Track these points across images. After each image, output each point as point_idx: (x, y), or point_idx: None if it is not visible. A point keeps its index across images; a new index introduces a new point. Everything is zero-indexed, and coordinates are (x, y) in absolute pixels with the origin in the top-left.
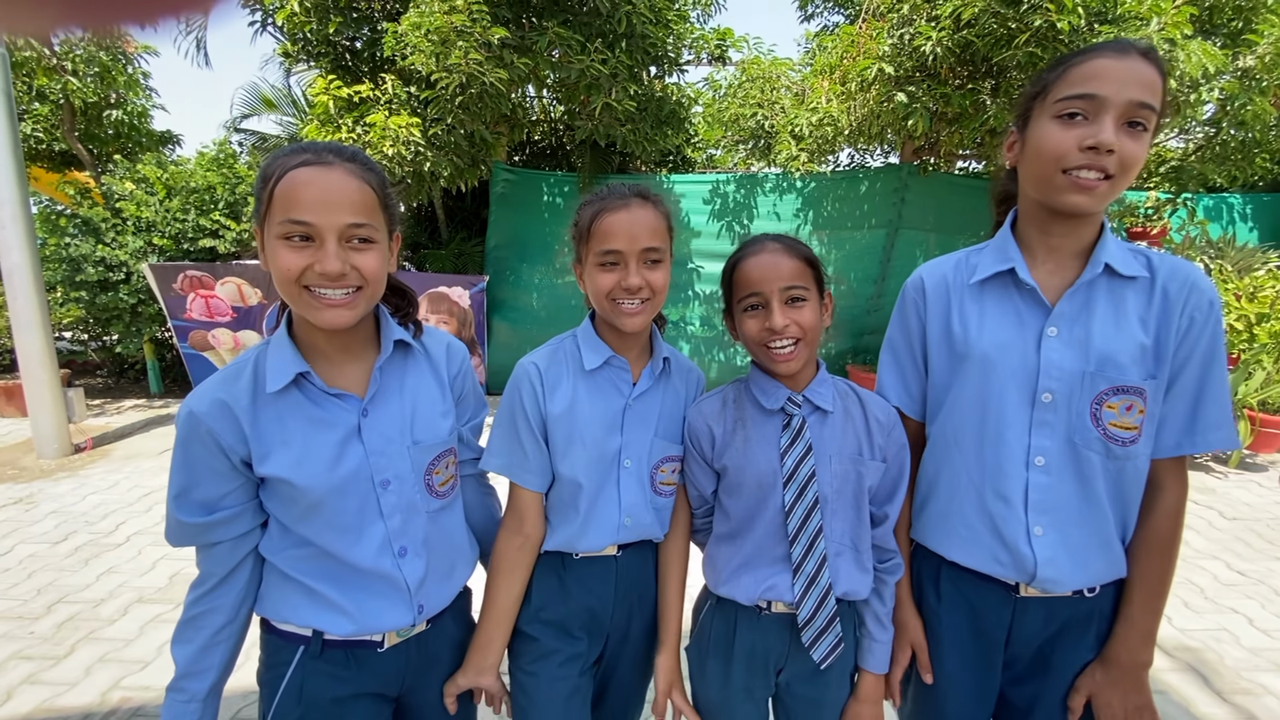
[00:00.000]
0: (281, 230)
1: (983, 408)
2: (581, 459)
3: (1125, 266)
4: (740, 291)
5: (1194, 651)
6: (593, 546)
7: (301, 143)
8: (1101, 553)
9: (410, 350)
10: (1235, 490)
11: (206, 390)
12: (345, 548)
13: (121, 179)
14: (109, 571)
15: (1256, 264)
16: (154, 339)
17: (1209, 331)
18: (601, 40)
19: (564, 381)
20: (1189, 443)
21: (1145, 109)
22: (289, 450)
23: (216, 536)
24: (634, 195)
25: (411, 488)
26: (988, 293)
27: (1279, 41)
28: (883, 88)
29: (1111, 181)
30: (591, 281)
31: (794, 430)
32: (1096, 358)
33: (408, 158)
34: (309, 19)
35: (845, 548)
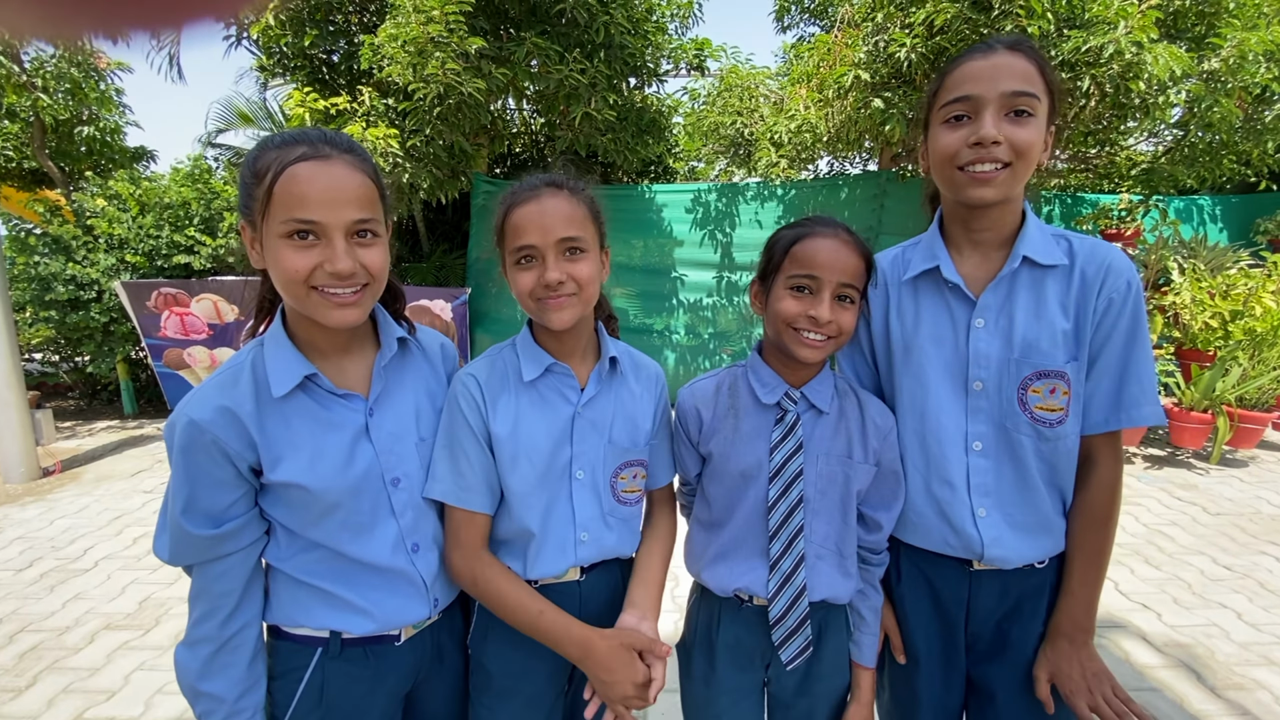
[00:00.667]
0: (286, 229)
1: (923, 399)
2: (529, 476)
3: (1045, 256)
4: (794, 268)
5: (1185, 648)
6: (549, 571)
7: (290, 132)
8: (1043, 528)
9: (409, 347)
10: (1217, 486)
11: (206, 397)
12: (360, 548)
13: (93, 196)
14: (76, 598)
15: (1228, 263)
16: (128, 359)
17: (1128, 311)
18: (580, 50)
19: (504, 395)
20: (1115, 419)
21: (1023, 96)
22: (300, 454)
23: (228, 548)
24: (545, 185)
25: (420, 484)
26: (920, 288)
27: (1242, 44)
28: (859, 94)
29: (1010, 169)
30: (512, 282)
31: (787, 426)
32: (1020, 345)
33: (386, 169)
34: (284, 32)
35: (828, 551)
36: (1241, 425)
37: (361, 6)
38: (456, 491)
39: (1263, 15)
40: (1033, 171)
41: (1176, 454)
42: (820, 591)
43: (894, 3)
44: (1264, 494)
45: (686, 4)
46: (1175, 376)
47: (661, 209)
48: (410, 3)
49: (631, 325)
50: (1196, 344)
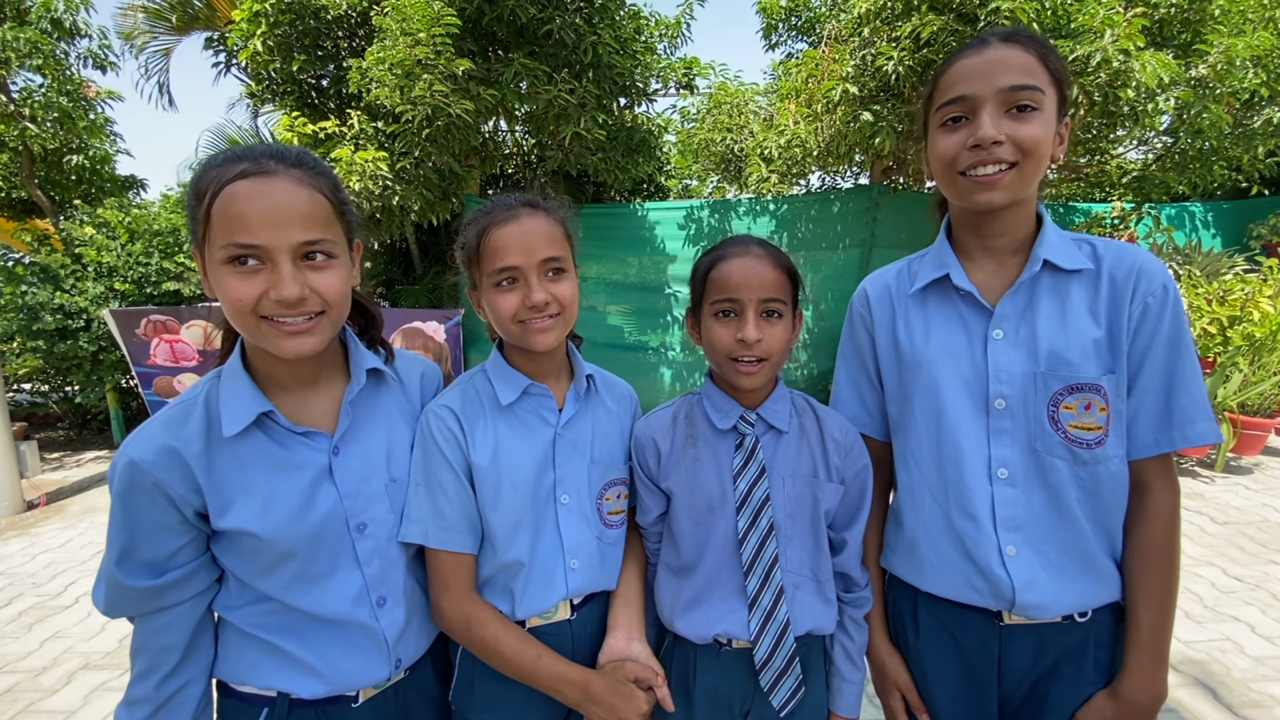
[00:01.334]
0: (225, 255)
1: (937, 419)
2: (513, 505)
3: (1067, 260)
4: (714, 294)
5: (1199, 664)
6: (539, 607)
7: (236, 148)
8: (1085, 571)
9: (383, 378)
10: (1223, 494)
11: (150, 436)
12: (315, 600)
13: (81, 224)
14: (54, 636)
15: (1223, 268)
16: (117, 387)
17: (1168, 317)
18: (568, 70)
19: (481, 423)
20: (1166, 439)
21: (1024, 90)
22: (252, 499)
23: (169, 599)
24: (522, 205)
25: (390, 531)
26: (930, 300)
27: (1228, 50)
28: (848, 108)
29: (1017, 170)
30: (491, 306)
31: (746, 450)
32: (1046, 357)
33: (375, 192)
34: (272, 58)
35: (805, 579)
36: (1244, 432)
37: (350, 31)
38: (438, 533)
39: (1248, 21)
40: (1044, 170)
41: (1181, 462)
42: (804, 623)
43: (880, 17)
44: (1270, 501)
45: (675, 24)
46: None
47: (654, 226)
48: (397, 26)
49: (626, 342)
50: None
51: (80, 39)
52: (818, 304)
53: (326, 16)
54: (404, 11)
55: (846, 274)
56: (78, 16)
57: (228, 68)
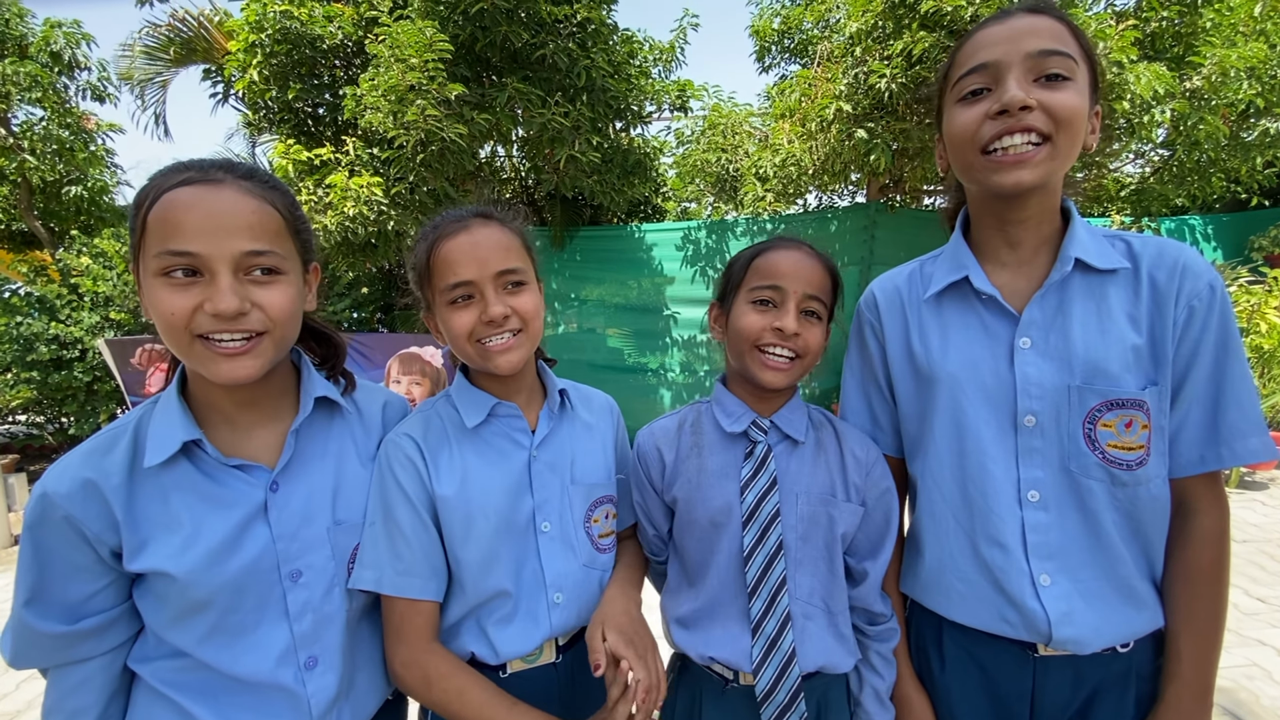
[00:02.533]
0: (159, 265)
1: (959, 438)
2: (486, 537)
3: (1101, 259)
4: (756, 280)
5: (1227, 692)
6: (521, 649)
7: (184, 160)
8: (1126, 600)
9: (337, 410)
10: (1240, 511)
11: (70, 467)
12: (233, 658)
13: (79, 255)
14: (32, 677)
15: (1227, 280)
16: (112, 417)
17: (1216, 321)
18: (562, 94)
19: (445, 450)
20: (1214, 456)
21: (1054, 55)
22: (171, 537)
23: (84, 651)
24: (473, 216)
25: (329, 581)
26: (947, 306)
27: (1222, 62)
28: (842, 126)
29: (1050, 145)
30: (446, 325)
31: (757, 460)
32: (1082, 368)
33: (371, 217)
34: (269, 87)
35: (815, 609)
36: None
37: (346, 60)
38: (394, 578)
39: (1240, 33)
40: (1078, 151)
41: None
42: (813, 659)
43: (872, 36)
44: None
45: (669, 48)
46: None
47: (652, 248)
48: (390, 51)
49: (626, 365)
50: None
51: (80, 72)
52: None
53: (322, 46)
54: (397, 38)
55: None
56: (78, 50)
57: (225, 98)
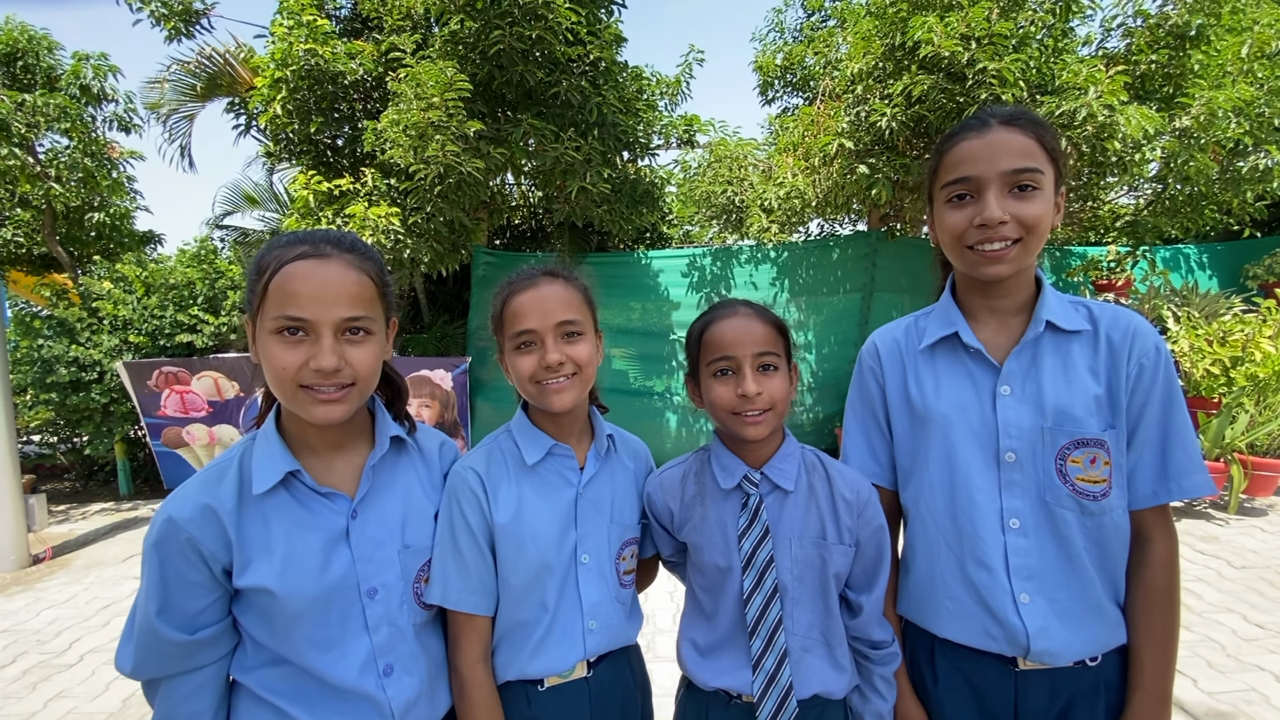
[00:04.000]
0: (275, 325)
1: (950, 472)
2: (534, 563)
3: (1067, 321)
4: (710, 354)
5: (1226, 717)
6: (556, 667)
7: (298, 232)
8: (1095, 617)
9: (404, 447)
10: (1239, 537)
11: (190, 494)
12: (327, 665)
13: (100, 279)
14: (58, 696)
15: (1221, 309)
16: (126, 439)
17: (1161, 376)
18: (574, 129)
19: (505, 483)
20: (1164, 491)
21: (1024, 173)
22: (272, 557)
23: (201, 659)
24: (541, 274)
25: (400, 597)
26: (939, 356)
27: (1209, 103)
28: (844, 161)
29: (1021, 244)
30: (513, 367)
31: (750, 511)
32: (1052, 412)
33: (387, 245)
34: (291, 120)
35: (814, 642)
36: (1256, 473)
37: (365, 95)
38: (457, 595)
39: (1226, 74)
40: (1045, 241)
41: (1194, 505)
42: (810, 686)
43: (873, 76)
44: None
45: (675, 83)
46: None
47: (658, 274)
48: (411, 90)
49: (632, 388)
50: (1200, 391)
51: (107, 103)
52: (820, 348)
53: (343, 82)
54: (418, 77)
55: (847, 318)
56: (105, 83)
57: (247, 129)
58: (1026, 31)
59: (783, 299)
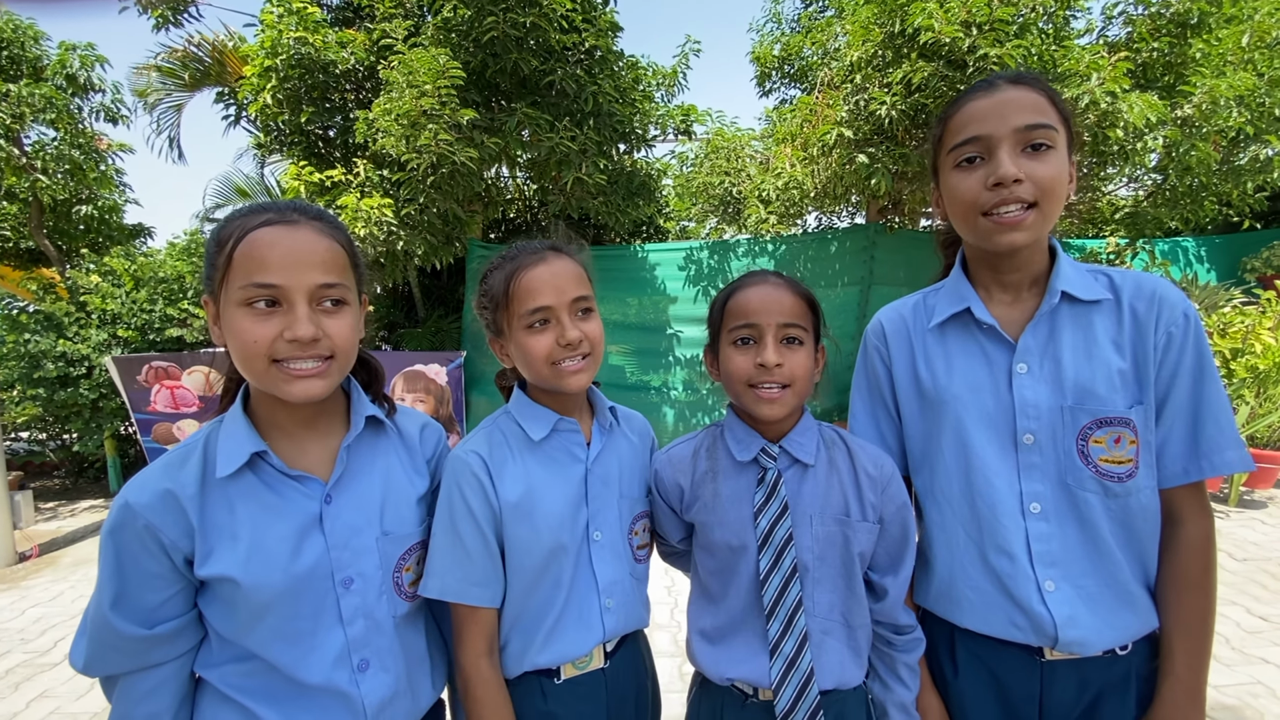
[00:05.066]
0: (244, 296)
1: (965, 455)
2: (548, 546)
3: (1085, 291)
4: (732, 321)
5: (1232, 710)
6: (574, 652)
7: (260, 202)
8: (1124, 603)
9: (382, 429)
10: (1240, 530)
11: (150, 479)
12: (294, 660)
13: (88, 273)
14: (41, 696)
15: (1221, 301)
16: (115, 435)
17: (1191, 345)
18: (570, 119)
19: (510, 463)
20: (1195, 468)
21: (1038, 129)
22: (237, 545)
23: (159, 655)
24: (547, 249)
25: (378, 588)
26: (950, 334)
27: (1212, 91)
28: (843, 151)
29: (1037, 210)
30: (522, 348)
31: (768, 486)
32: (1073, 390)
33: (380, 238)
34: (281, 110)
35: (834, 624)
36: (1259, 465)
37: (357, 85)
38: (458, 586)
39: (1228, 63)
40: (1061, 209)
41: None
42: (830, 676)
43: (871, 64)
44: None
45: (671, 73)
46: None
47: (655, 268)
48: (404, 78)
49: (629, 383)
50: None
51: (94, 94)
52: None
53: (335, 71)
54: (410, 65)
55: (846, 311)
56: (92, 73)
57: (237, 120)
58: (1028, 18)
59: None
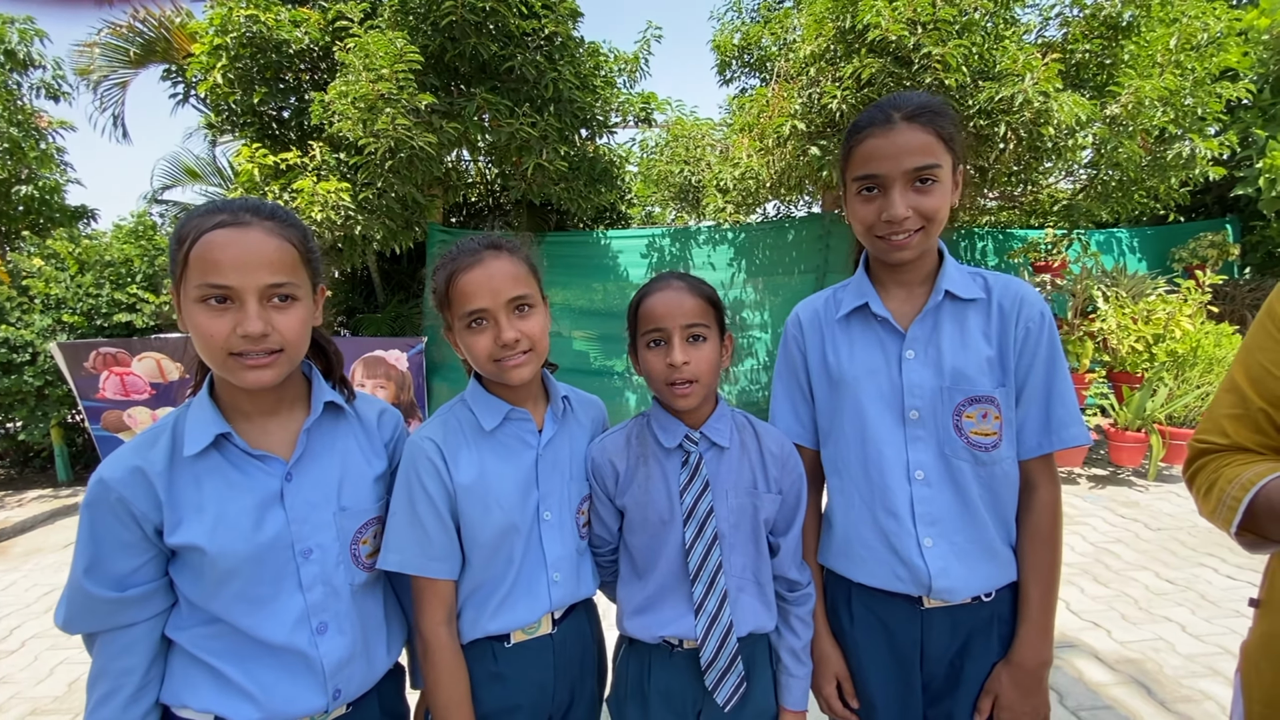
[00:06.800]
0: (199, 294)
1: (862, 429)
2: (500, 525)
3: (964, 290)
4: (644, 326)
5: (1135, 663)
6: (523, 621)
7: (217, 201)
8: (988, 557)
9: (342, 413)
10: (1157, 502)
11: (121, 457)
12: (257, 622)
13: (29, 256)
14: (1, 682)
15: (1147, 290)
16: (62, 423)
17: (1044, 339)
18: (530, 105)
19: (464, 449)
20: (1047, 441)
21: (925, 169)
22: (203, 516)
23: (132, 615)
24: (485, 248)
25: (335, 558)
26: (853, 324)
27: (1138, 92)
28: (797, 143)
29: (922, 231)
30: (466, 346)
31: (691, 467)
32: (950, 373)
33: (338, 222)
34: (233, 90)
35: (747, 582)
36: (1173, 443)
37: (312, 65)
38: (416, 560)
39: (1156, 65)
40: (944, 224)
41: (1117, 473)
42: (746, 624)
43: (824, 58)
44: None
45: (633, 59)
46: (1109, 399)
47: (618, 254)
48: (360, 61)
49: (592, 368)
50: (1125, 367)
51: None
52: (775, 327)
53: (288, 50)
54: (367, 48)
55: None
56: (31, 48)
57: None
58: (970, 18)
59: (740, 279)
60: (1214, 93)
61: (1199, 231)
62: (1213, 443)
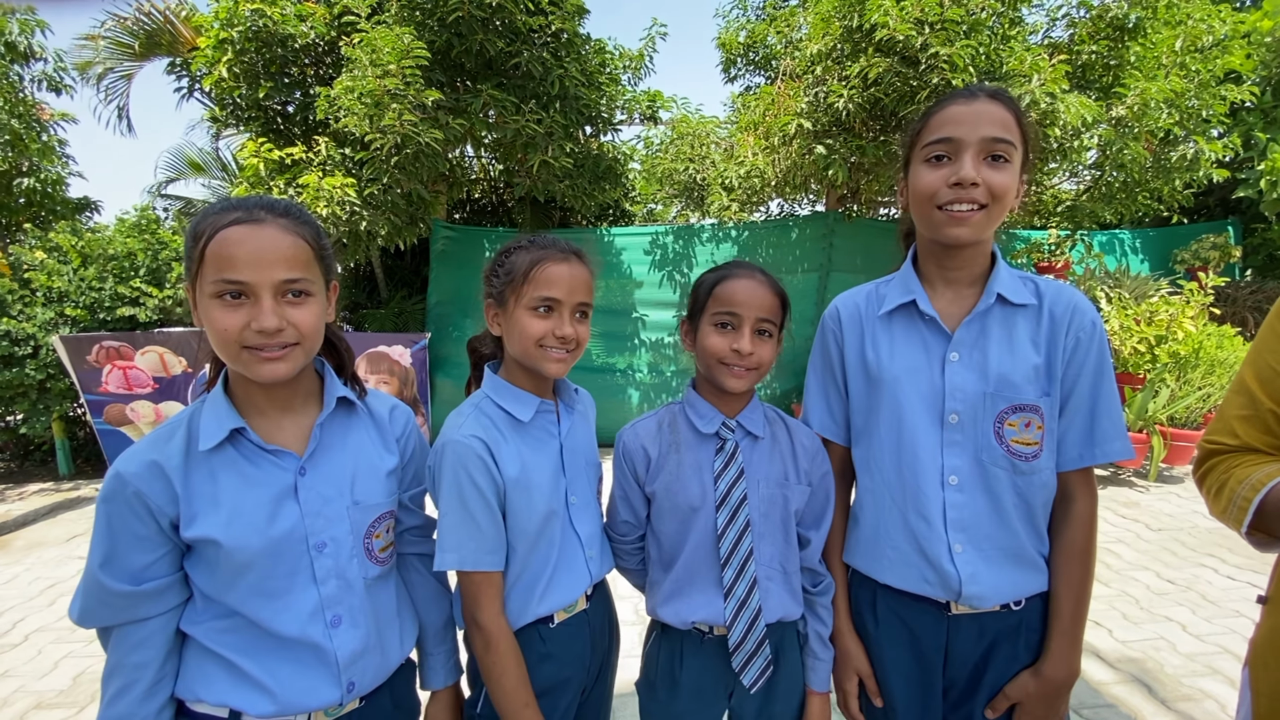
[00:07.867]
0: (215, 290)
1: (898, 430)
2: (542, 512)
3: (1016, 295)
4: (717, 306)
5: (1136, 662)
6: (569, 598)
7: (231, 199)
8: (1018, 565)
9: (354, 409)
10: (1157, 503)
11: (138, 451)
12: (272, 615)
13: (31, 249)
14: (4, 675)
15: (1150, 291)
16: (64, 417)
17: (1094, 350)
18: (536, 101)
19: (505, 444)
20: (1089, 454)
21: (1000, 143)
22: (219, 510)
23: (147, 609)
24: (573, 252)
25: (349, 552)
26: (896, 322)
27: (1144, 93)
28: (803, 141)
29: (985, 211)
30: (519, 325)
31: (727, 454)
32: (995, 379)
33: (343, 218)
34: (238, 84)
35: (775, 571)
36: (1175, 444)
37: (317, 60)
38: (474, 556)
39: (1161, 66)
40: (1005, 215)
41: (1119, 473)
42: (774, 612)
43: (831, 57)
44: (1200, 508)
45: (638, 56)
46: None
47: (621, 251)
48: (367, 56)
49: (595, 365)
50: (1128, 368)
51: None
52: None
53: (293, 45)
54: (374, 44)
55: (805, 296)
56: (33, 40)
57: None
58: (977, 18)
59: None
60: (1218, 95)
61: (1201, 233)
62: (1223, 443)
